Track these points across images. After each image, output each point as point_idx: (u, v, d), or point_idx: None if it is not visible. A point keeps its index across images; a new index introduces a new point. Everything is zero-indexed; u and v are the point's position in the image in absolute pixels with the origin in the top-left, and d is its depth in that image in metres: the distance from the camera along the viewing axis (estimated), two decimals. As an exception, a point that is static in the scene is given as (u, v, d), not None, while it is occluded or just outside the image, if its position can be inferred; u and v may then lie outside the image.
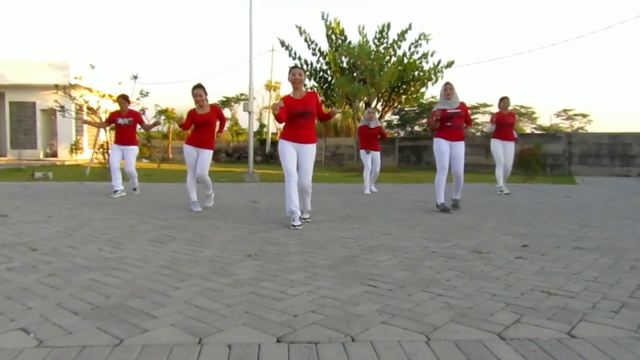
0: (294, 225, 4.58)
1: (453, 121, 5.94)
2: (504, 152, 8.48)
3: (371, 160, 8.53)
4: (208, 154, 5.93)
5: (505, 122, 8.45)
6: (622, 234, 4.40)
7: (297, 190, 4.75)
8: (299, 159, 4.79)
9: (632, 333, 1.99)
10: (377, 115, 18.78)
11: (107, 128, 11.32)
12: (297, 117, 4.75)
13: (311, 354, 1.76)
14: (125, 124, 7.56)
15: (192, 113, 5.88)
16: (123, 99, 7.70)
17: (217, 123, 6.09)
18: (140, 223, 4.73)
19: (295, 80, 4.78)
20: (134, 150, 7.71)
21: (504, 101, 8.46)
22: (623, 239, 4.18)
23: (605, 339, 1.92)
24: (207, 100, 5.93)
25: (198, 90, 5.83)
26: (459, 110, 5.95)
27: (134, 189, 7.68)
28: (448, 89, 5.94)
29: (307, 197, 4.89)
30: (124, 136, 7.60)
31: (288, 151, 4.76)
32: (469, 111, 6.19)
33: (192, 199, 5.92)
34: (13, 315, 2.11)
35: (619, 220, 5.30)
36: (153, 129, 12.57)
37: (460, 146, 5.97)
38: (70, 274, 2.80)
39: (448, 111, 5.93)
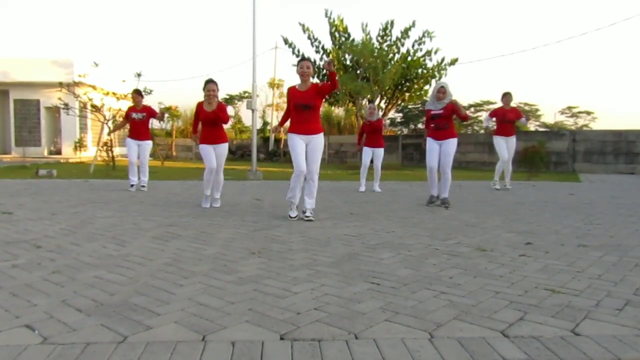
0: (290, 216, 4.92)
1: (435, 122, 6.23)
2: (506, 147, 8.60)
3: (373, 157, 8.47)
4: (224, 147, 6.04)
5: (507, 118, 8.51)
6: (626, 232, 4.39)
7: (302, 185, 4.97)
8: (307, 149, 4.94)
9: (636, 331, 1.98)
10: (381, 113, 18.79)
11: (111, 126, 11.39)
12: (299, 108, 4.90)
13: (314, 351, 1.77)
14: (139, 119, 7.74)
15: (199, 109, 5.90)
16: (137, 94, 7.85)
17: None
18: (143, 220, 4.74)
19: (303, 73, 4.89)
20: (149, 145, 7.94)
21: (506, 97, 8.49)
22: (627, 236, 4.16)
23: (609, 336, 1.92)
24: (217, 96, 5.95)
25: (211, 84, 5.85)
26: (441, 112, 6.17)
27: (142, 186, 7.72)
28: (441, 93, 6.19)
29: (313, 186, 4.97)
30: (138, 131, 7.82)
31: (298, 146, 4.91)
32: (461, 108, 6.25)
33: (207, 193, 5.93)
34: (18, 312, 2.12)
35: (623, 218, 5.28)
36: (158, 125, 12.70)
37: (447, 144, 6.17)
38: (74, 271, 2.81)
39: (432, 112, 6.26)
